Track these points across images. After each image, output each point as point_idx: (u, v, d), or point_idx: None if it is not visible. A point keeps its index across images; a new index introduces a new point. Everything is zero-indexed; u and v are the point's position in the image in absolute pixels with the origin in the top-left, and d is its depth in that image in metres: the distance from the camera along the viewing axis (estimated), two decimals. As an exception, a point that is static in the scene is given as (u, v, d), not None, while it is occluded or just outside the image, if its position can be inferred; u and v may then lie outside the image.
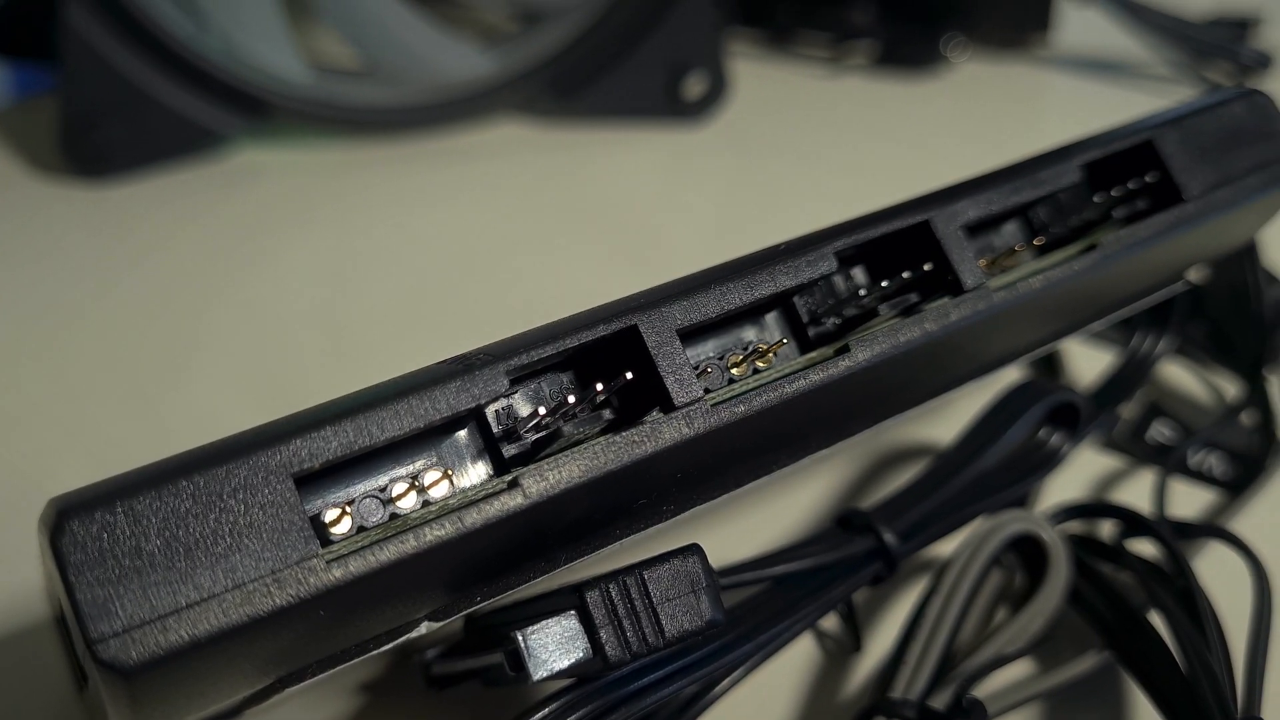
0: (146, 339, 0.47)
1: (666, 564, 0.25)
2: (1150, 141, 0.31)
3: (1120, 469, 0.40)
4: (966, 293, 0.27)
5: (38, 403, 0.44)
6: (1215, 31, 0.68)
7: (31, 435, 0.42)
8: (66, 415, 0.43)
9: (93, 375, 0.45)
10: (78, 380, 0.45)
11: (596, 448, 0.23)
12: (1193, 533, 0.34)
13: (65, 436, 0.42)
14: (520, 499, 0.22)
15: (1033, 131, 0.65)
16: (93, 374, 0.45)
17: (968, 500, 0.33)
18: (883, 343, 0.26)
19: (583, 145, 0.61)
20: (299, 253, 0.54)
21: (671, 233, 0.55)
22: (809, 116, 0.65)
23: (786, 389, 0.25)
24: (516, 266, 0.52)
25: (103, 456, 0.40)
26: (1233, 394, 0.42)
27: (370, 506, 0.22)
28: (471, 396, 0.22)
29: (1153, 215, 0.31)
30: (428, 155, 0.60)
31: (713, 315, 0.25)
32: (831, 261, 0.26)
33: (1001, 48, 0.71)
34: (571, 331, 0.24)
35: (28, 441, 0.42)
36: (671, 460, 0.24)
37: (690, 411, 0.24)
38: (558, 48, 0.59)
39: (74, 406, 0.43)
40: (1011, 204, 0.29)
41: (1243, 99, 0.33)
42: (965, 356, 0.29)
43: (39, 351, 0.46)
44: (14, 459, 0.40)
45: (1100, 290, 0.32)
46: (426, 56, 0.59)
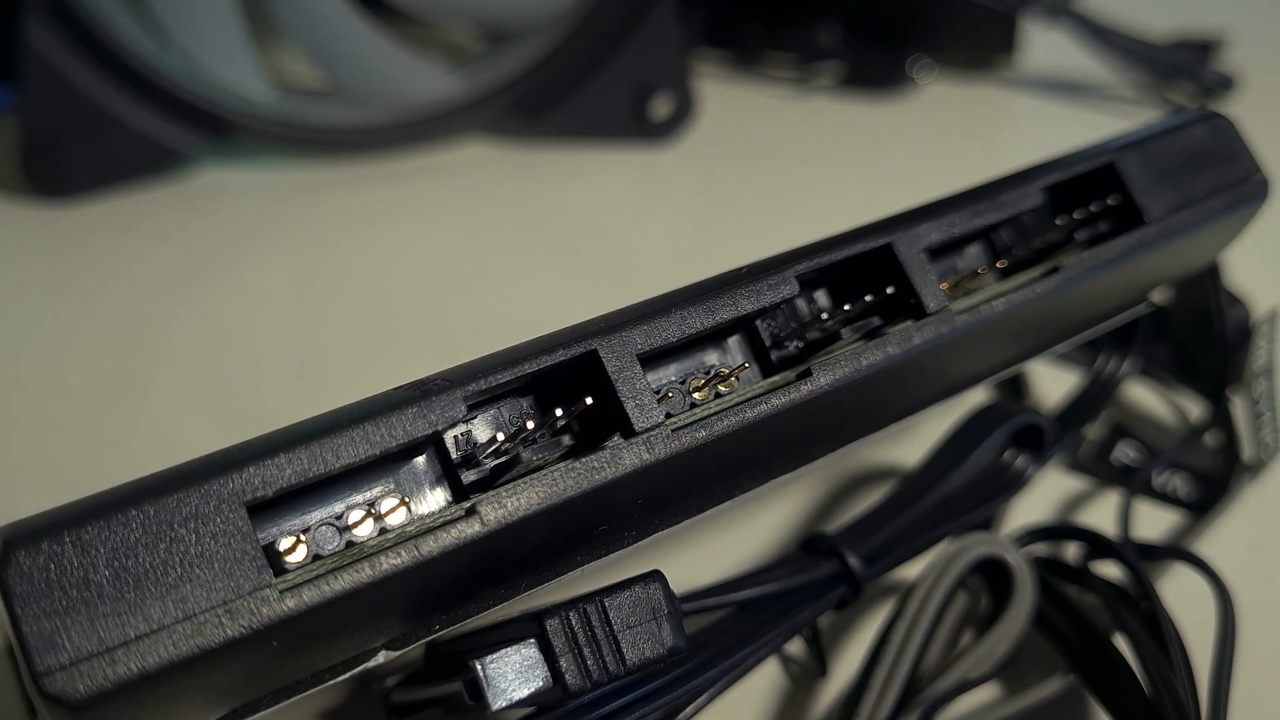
0: (108, 361, 0.47)
1: (627, 591, 0.24)
2: (1112, 164, 0.31)
3: (1085, 490, 0.40)
4: (929, 316, 0.27)
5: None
6: (1178, 53, 0.69)
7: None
8: (25, 440, 0.42)
9: (53, 399, 0.44)
10: (37, 404, 0.44)
11: (556, 474, 0.23)
12: (1157, 554, 0.34)
13: (25, 461, 0.41)
14: (478, 527, 0.22)
15: (998, 152, 0.65)
16: (53, 397, 0.45)
17: (933, 523, 0.33)
18: (845, 366, 0.26)
19: (549, 166, 0.61)
20: (263, 274, 0.54)
21: (638, 254, 0.55)
22: (776, 137, 0.65)
23: (748, 413, 0.25)
24: (483, 287, 0.52)
25: (63, 481, 0.40)
26: (1196, 415, 0.42)
27: (326, 534, 0.22)
28: (429, 423, 0.22)
29: (1115, 238, 0.31)
30: (393, 176, 0.60)
31: (674, 340, 0.24)
32: (793, 285, 0.26)
33: (967, 69, 0.71)
34: (530, 356, 0.23)
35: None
36: (632, 486, 0.24)
37: (651, 437, 0.23)
38: (523, 68, 0.59)
39: (33, 431, 0.43)
40: (974, 227, 0.29)
41: (1204, 122, 0.34)
42: (929, 379, 0.29)
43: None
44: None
45: (1063, 312, 0.32)
46: (392, 76, 0.59)
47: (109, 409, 0.44)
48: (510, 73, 0.59)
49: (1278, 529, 0.38)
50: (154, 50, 0.55)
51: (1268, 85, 0.69)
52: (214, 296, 0.52)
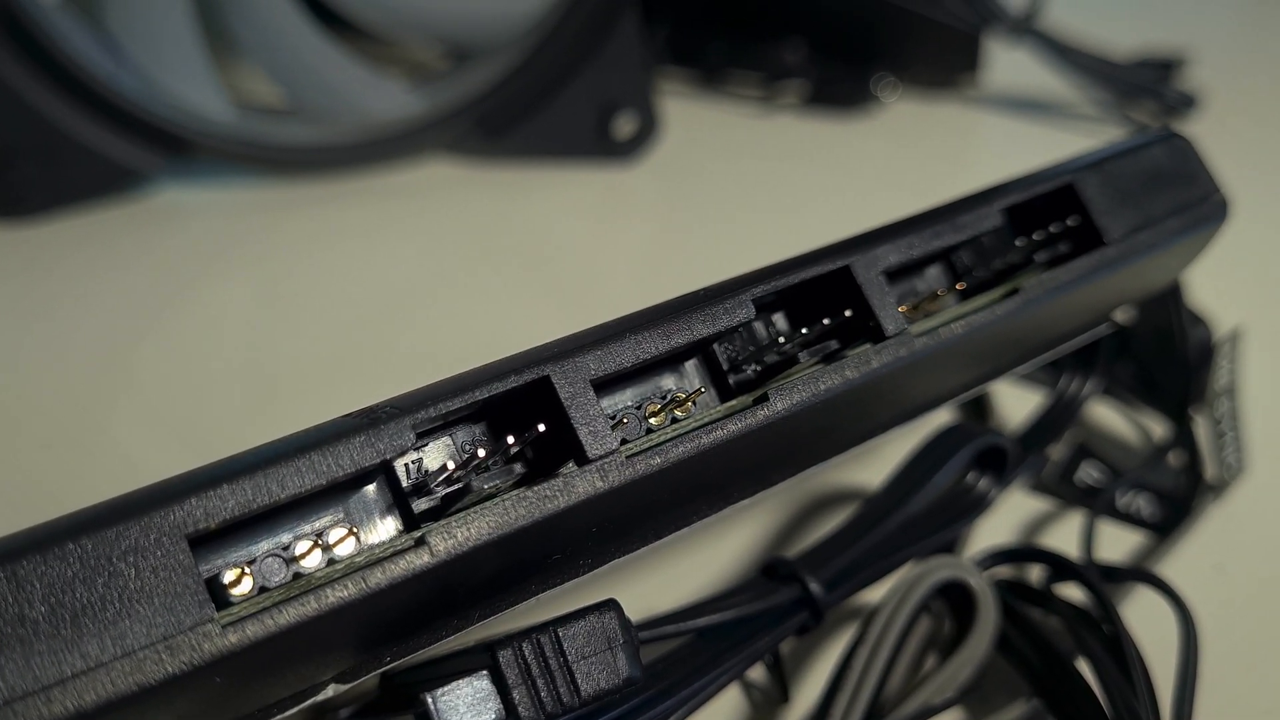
0: (65, 385, 0.46)
1: (582, 620, 0.24)
2: (1071, 185, 0.31)
3: (1049, 511, 0.40)
4: (888, 339, 0.27)
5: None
6: (1141, 72, 0.69)
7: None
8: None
9: (6, 424, 0.44)
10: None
11: (507, 503, 0.22)
12: (1120, 577, 0.34)
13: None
14: (427, 557, 0.21)
15: (963, 171, 0.65)
16: (6, 422, 0.44)
17: (895, 547, 0.32)
18: (802, 391, 0.25)
19: (512, 185, 0.60)
20: (223, 294, 0.53)
21: (603, 273, 0.55)
22: (741, 155, 0.65)
23: (704, 439, 0.24)
24: (446, 308, 0.52)
25: (18, 509, 0.39)
26: (1160, 435, 0.42)
27: (272, 566, 0.22)
28: (376, 452, 0.22)
29: (1074, 259, 0.30)
30: (354, 194, 0.59)
31: (628, 365, 0.24)
32: (749, 309, 0.26)
33: (931, 87, 0.71)
34: (482, 383, 0.23)
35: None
36: (586, 514, 0.23)
37: (604, 464, 0.23)
38: (485, 87, 0.59)
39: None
40: (933, 248, 0.29)
41: (1163, 142, 0.34)
42: (889, 403, 0.29)
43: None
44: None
45: (1024, 334, 0.31)
46: (352, 95, 0.58)
47: (65, 434, 0.43)
48: (472, 91, 0.59)
49: (1241, 549, 0.38)
50: (111, 69, 0.55)
51: (1230, 104, 0.69)
52: (173, 317, 0.51)
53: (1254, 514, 0.39)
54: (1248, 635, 0.35)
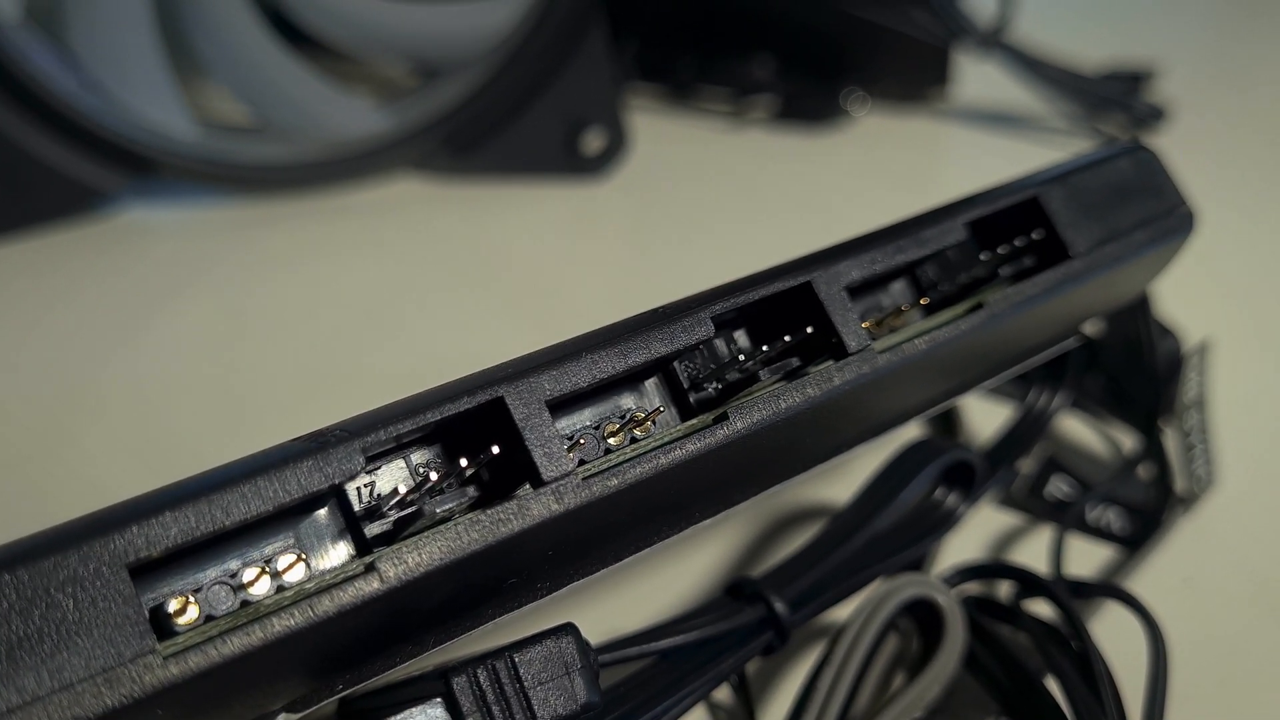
0: (27, 407, 0.45)
1: (538, 645, 0.24)
2: (1036, 198, 0.31)
3: (1019, 526, 0.39)
4: (850, 356, 0.26)
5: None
6: (1110, 85, 0.69)
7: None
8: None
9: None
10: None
11: (460, 527, 0.22)
12: (1089, 592, 0.34)
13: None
14: (376, 584, 0.21)
15: (932, 184, 0.65)
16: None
17: (861, 565, 0.32)
18: (762, 410, 0.25)
19: (481, 202, 0.60)
20: (188, 315, 0.52)
21: (573, 290, 0.54)
22: (710, 170, 0.65)
23: (662, 460, 0.24)
24: (415, 326, 0.51)
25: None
26: (1130, 447, 0.42)
27: (219, 594, 0.21)
28: (324, 476, 0.21)
29: (1039, 273, 0.30)
30: (322, 213, 0.59)
31: (584, 385, 0.24)
32: (708, 327, 0.25)
33: (901, 101, 0.71)
34: (434, 405, 0.22)
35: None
36: (542, 537, 0.23)
37: (560, 486, 0.23)
38: (452, 104, 0.59)
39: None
40: (896, 263, 0.28)
41: (1128, 155, 0.33)
42: (853, 420, 0.29)
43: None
44: None
45: (990, 349, 0.31)
46: (319, 113, 0.58)
47: (29, 458, 0.43)
48: (439, 109, 0.59)
49: (1211, 562, 0.37)
50: (73, 87, 0.54)
51: (1198, 115, 0.70)
52: (138, 338, 0.50)
53: (1223, 527, 0.39)
54: (1217, 650, 0.34)
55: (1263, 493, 0.40)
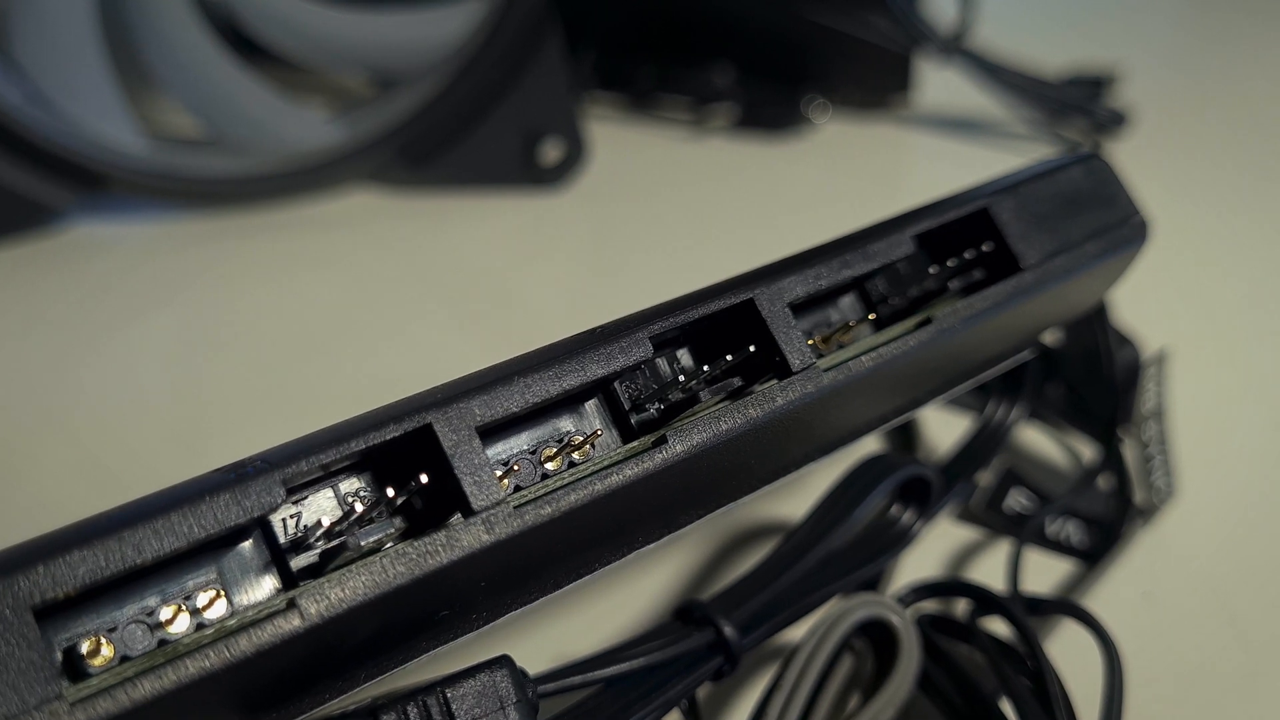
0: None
1: (471, 679, 0.23)
2: (986, 210, 0.30)
3: (979, 540, 0.39)
4: (794, 375, 0.26)
5: None
6: (1071, 90, 0.69)
7: None
8: None
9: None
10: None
11: (386, 560, 0.21)
12: (1045, 609, 0.33)
13: None
14: (297, 621, 0.20)
15: (895, 191, 0.65)
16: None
17: (814, 585, 0.31)
18: (702, 432, 0.24)
19: (438, 214, 0.59)
20: (141, 331, 0.52)
21: (532, 303, 0.54)
22: (671, 180, 0.64)
23: (597, 486, 0.23)
24: (373, 340, 0.50)
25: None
26: (1090, 459, 0.41)
27: (135, 634, 0.20)
28: (242, 510, 0.20)
29: (990, 286, 0.30)
30: (276, 226, 0.58)
31: (517, 410, 0.23)
32: (646, 347, 0.25)
33: (863, 108, 0.71)
34: (359, 433, 0.22)
35: None
36: (473, 568, 0.22)
37: (491, 516, 0.22)
38: (407, 116, 0.58)
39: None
40: (842, 278, 0.28)
41: (1080, 164, 0.33)
42: (798, 439, 0.28)
43: None
44: None
45: (941, 363, 0.31)
46: (271, 125, 0.57)
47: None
48: (393, 120, 0.58)
49: (1171, 576, 0.37)
50: (18, 101, 0.53)
51: (1161, 120, 0.69)
52: (90, 356, 0.49)
53: (1183, 539, 0.38)
54: (1177, 666, 0.34)
55: (1222, 504, 0.39)
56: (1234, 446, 0.42)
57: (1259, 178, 0.63)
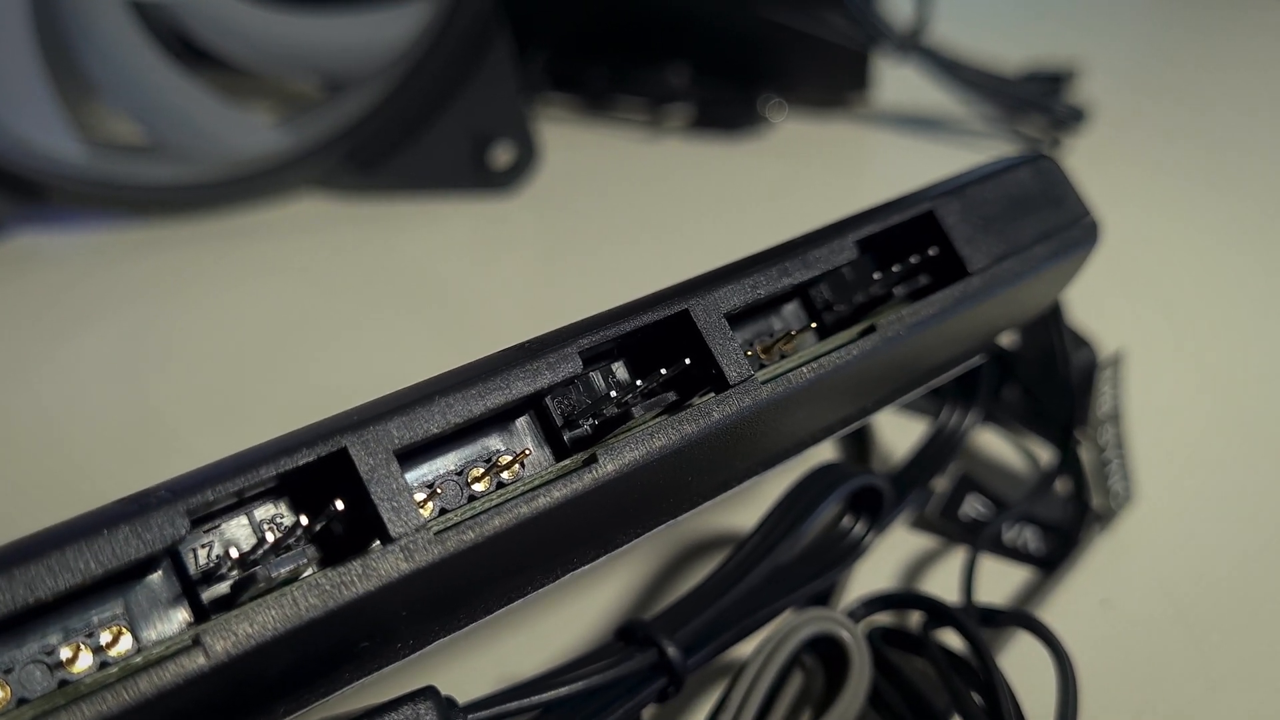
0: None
1: (393, 713, 0.22)
2: (931, 213, 0.30)
3: (935, 548, 0.38)
4: (731, 388, 0.25)
5: None
6: (1030, 86, 0.68)
7: None
8: None
9: None
10: None
11: (297, 592, 0.20)
12: (999, 620, 0.32)
13: None
14: (202, 660, 0.19)
15: (854, 190, 0.64)
16: None
17: (762, 601, 0.30)
18: (635, 450, 0.24)
19: (388, 219, 0.58)
20: (85, 344, 0.50)
21: (486, 306, 0.53)
22: (626, 182, 0.63)
23: (523, 509, 0.22)
24: (323, 349, 0.49)
25: None
26: (1046, 462, 0.41)
27: (34, 674, 0.19)
28: (143, 543, 0.19)
29: (936, 291, 0.29)
30: (222, 234, 0.57)
31: (437, 431, 0.22)
32: (576, 362, 0.24)
33: (821, 107, 0.70)
34: (270, 459, 0.21)
35: None
36: (393, 598, 0.21)
37: (409, 543, 0.21)
38: (353, 120, 0.57)
39: None
40: (781, 287, 0.27)
41: (1028, 164, 0.32)
42: (740, 453, 0.27)
43: None
44: None
45: (887, 371, 0.30)
46: (214, 131, 0.56)
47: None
48: (340, 125, 0.57)
49: (1129, 582, 0.36)
50: (-48, 111, 0.52)
51: (1120, 115, 0.69)
52: (32, 368, 0.48)
53: (1141, 545, 0.37)
54: (1135, 675, 0.33)
55: (1181, 508, 0.39)
56: (1192, 449, 0.42)
57: (1219, 173, 0.62)
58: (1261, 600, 0.35)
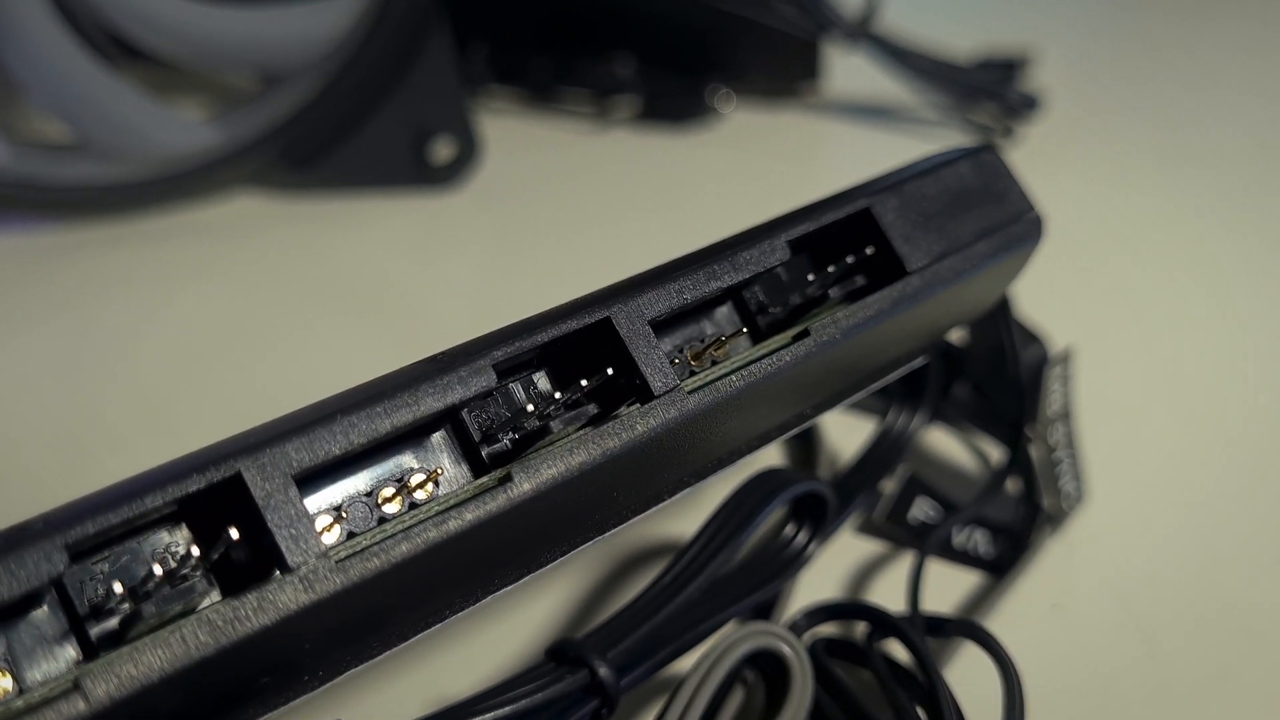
0: None
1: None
2: (868, 210, 0.28)
3: (885, 552, 0.37)
4: (656, 398, 0.24)
5: None
6: (982, 74, 0.67)
7: None
8: None
9: None
10: None
11: (185, 630, 0.19)
12: (945, 630, 0.31)
13: None
14: (82, 705, 0.18)
15: (805, 180, 0.63)
16: None
17: (700, 616, 0.29)
18: (553, 467, 0.22)
19: (326, 218, 0.57)
20: (11, 351, 0.49)
21: (430, 304, 0.51)
22: (571, 175, 0.62)
23: (432, 533, 0.21)
24: (260, 352, 0.48)
25: None
26: (996, 461, 0.40)
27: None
28: (16, 582, 0.18)
29: (873, 292, 0.28)
30: (153, 235, 0.55)
31: (339, 453, 0.21)
32: (489, 376, 0.22)
33: (771, 97, 0.69)
34: (157, 487, 0.19)
35: None
36: (293, 631, 0.20)
37: (309, 573, 0.20)
38: (287, 115, 0.55)
39: None
40: (710, 291, 0.26)
41: (969, 158, 0.31)
42: (669, 465, 0.26)
43: None
44: None
45: (825, 376, 0.29)
46: (142, 128, 0.54)
47: None
48: (272, 121, 0.55)
49: (1080, 586, 0.35)
50: None
51: (1075, 102, 0.68)
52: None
53: (1093, 547, 0.37)
54: (1085, 681, 0.32)
55: (1133, 508, 0.38)
56: (1144, 447, 0.41)
57: (1174, 161, 0.62)
58: (1215, 602, 0.35)
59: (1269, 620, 0.34)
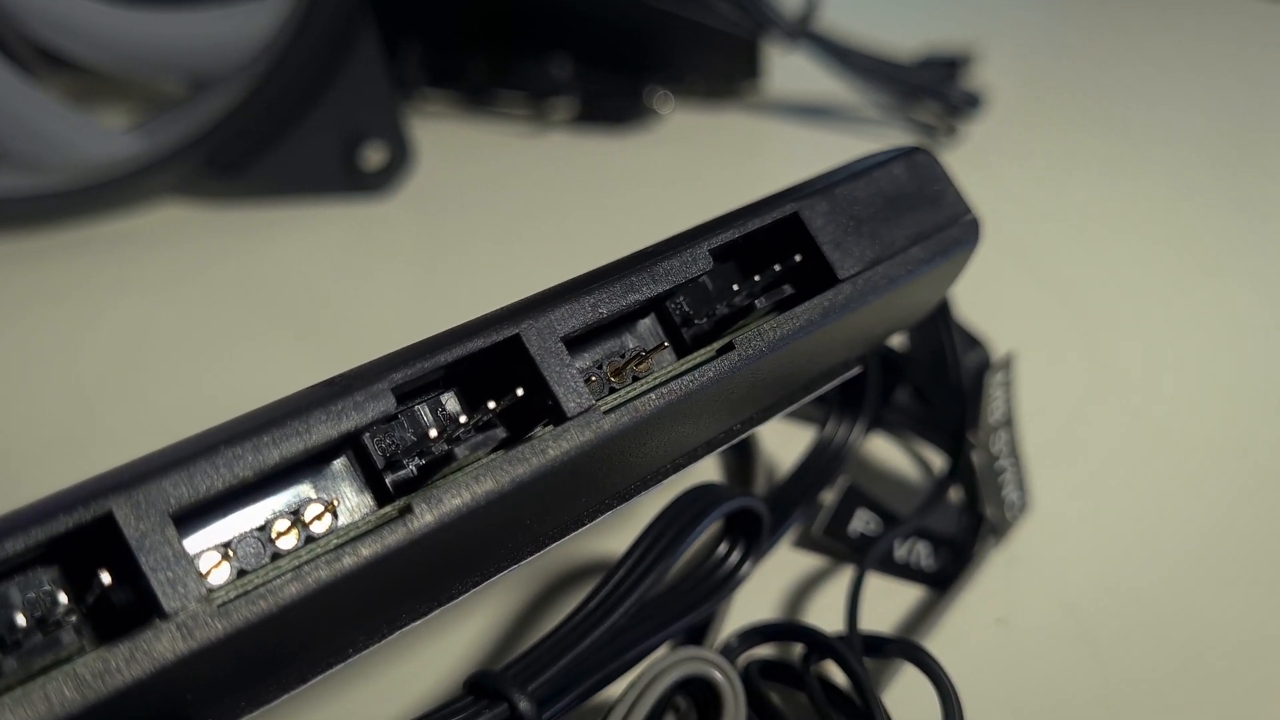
0: None
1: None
2: (796, 215, 0.27)
3: (825, 566, 0.36)
4: (569, 420, 0.22)
5: None
6: (924, 73, 0.66)
7: None
8: None
9: None
10: None
11: (50, 685, 0.17)
12: (884, 650, 0.30)
13: None
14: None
15: (746, 181, 0.62)
16: None
17: (628, 643, 0.28)
18: (457, 496, 0.21)
19: (254, 226, 0.55)
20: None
21: (362, 313, 0.50)
22: (509, 179, 0.61)
23: (323, 572, 0.20)
24: (188, 366, 0.46)
25: None
26: (938, 470, 0.39)
27: None
28: None
29: (802, 302, 0.27)
30: (74, 246, 0.53)
31: (221, 488, 0.19)
32: (388, 401, 0.21)
33: (711, 97, 0.68)
34: (20, 529, 0.18)
35: None
36: (172, 681, 0.18)
37: (187, 619, 0.18)
38: (210, 122, 0.53)
39: None
40: (628, 304, 0.24)
41: (902, 159, 0.30)
42: (586, 489, 0.25)
43: None
44: None
45: (753, 389, 0.27)
46: (59, 137, 0.52)
47: None
48: (197, 127, 0.53)
49: (1025, 598, 0.34)
50: None
51: (1018, 101, 0.67)
52: None
53: (1038, 557, 0.36)
54: (1031, 698, 0.31)
55: (1078, 517, 0.37)
56: (1088, 453, 0.40)
57: (1118, 160, 0.61)
58: (1164, 612, 0.34)
59: (1219, 629, 0.33)
